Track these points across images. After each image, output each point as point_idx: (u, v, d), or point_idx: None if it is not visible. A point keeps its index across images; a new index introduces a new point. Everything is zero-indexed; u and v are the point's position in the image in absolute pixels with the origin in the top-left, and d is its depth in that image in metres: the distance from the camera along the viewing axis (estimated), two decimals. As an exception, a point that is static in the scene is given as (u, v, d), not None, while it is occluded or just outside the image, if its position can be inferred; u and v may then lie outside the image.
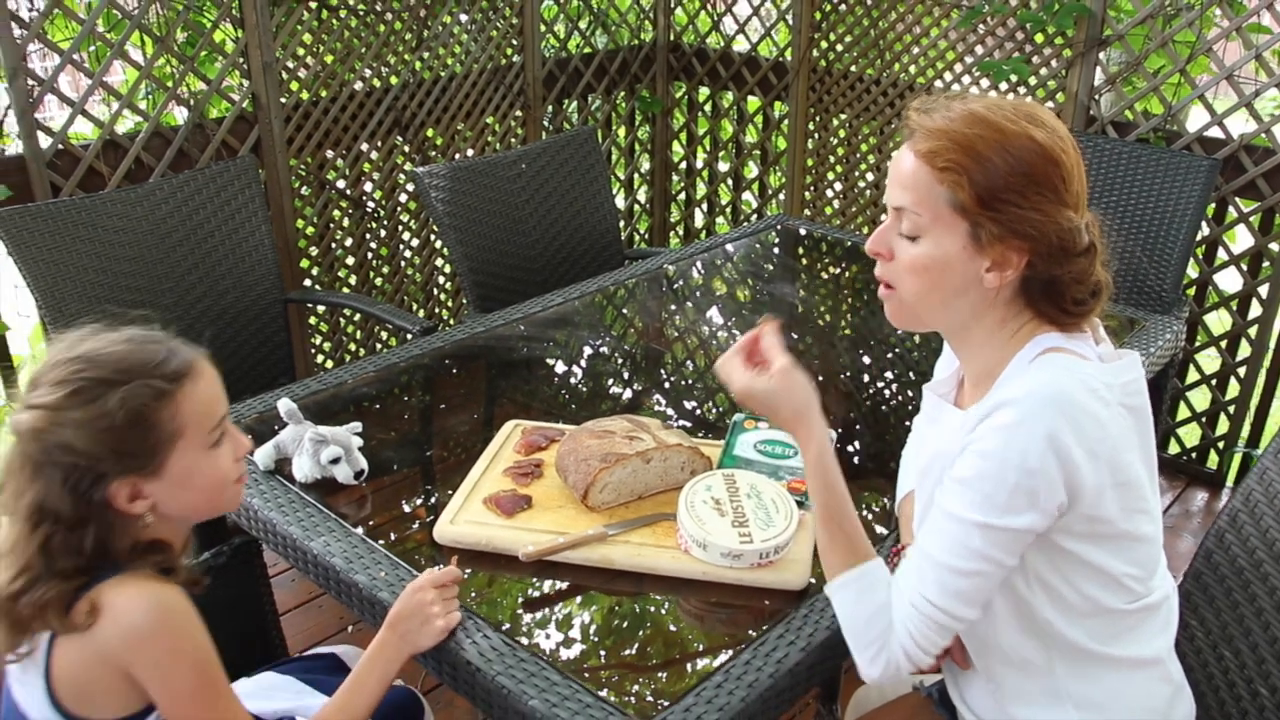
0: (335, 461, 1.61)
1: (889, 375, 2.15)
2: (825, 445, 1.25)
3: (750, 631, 1.35)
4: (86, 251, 2.31)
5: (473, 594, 1.41)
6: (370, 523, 1.57)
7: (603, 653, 1.34)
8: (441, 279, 3.63)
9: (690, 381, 2.12)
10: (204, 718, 1.15)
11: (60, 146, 2.55)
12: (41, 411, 1.09)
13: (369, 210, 3.30)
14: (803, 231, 2.89)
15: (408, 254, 3.48)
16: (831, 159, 3.74)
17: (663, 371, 2.18)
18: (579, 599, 1.42)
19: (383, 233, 3.37)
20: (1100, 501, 1.15)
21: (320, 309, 3.30)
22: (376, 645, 1.32)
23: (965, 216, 1.16)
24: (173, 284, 2.45)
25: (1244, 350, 3.05)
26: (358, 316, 3.40)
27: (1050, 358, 1.18)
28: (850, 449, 1.85)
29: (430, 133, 3.35)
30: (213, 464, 1.19)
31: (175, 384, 1.14)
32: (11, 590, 1.10)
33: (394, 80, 3.18)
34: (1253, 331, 2.99)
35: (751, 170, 4.02)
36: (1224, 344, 3.07)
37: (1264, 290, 2.92)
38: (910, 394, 2.04)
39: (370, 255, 3.37)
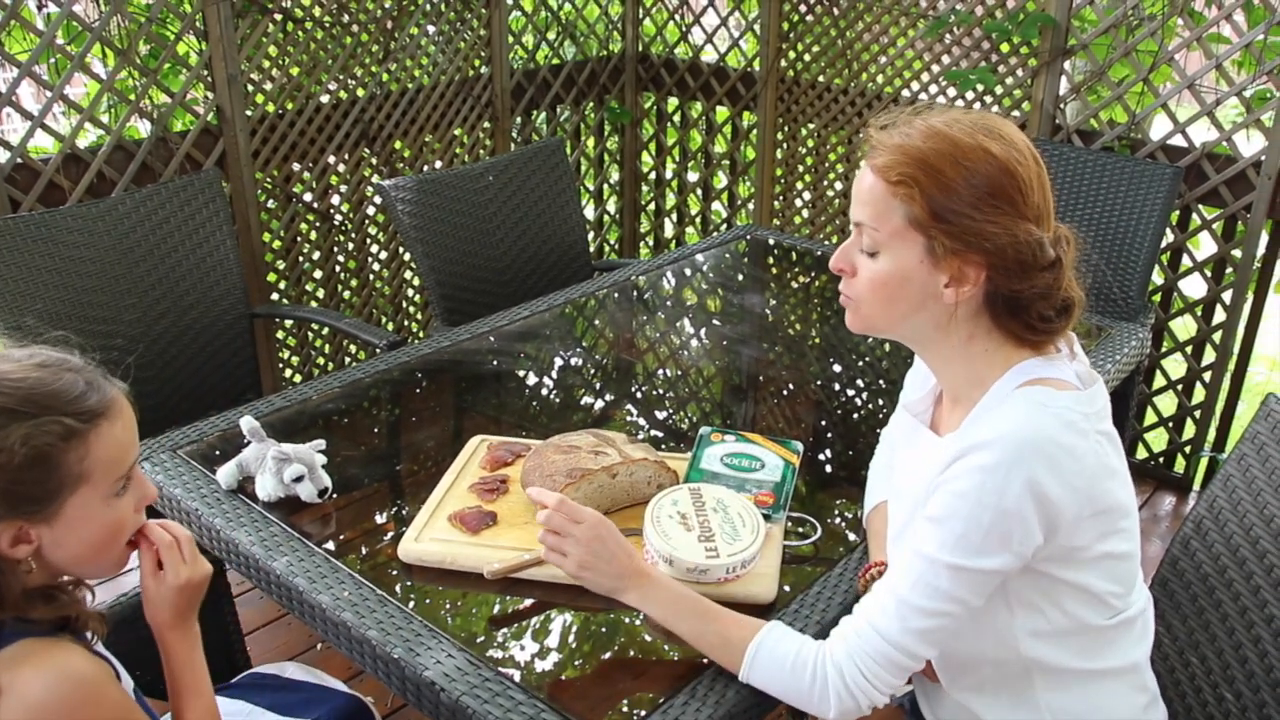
0: (298, 480, 1.59)
1: (859, 384, 2.15)
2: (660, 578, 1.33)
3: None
4: (47, 268, 2.28)
5: (446, 605, 1.40)
6: (334, 541, 1.55)
7: (570, 670, 1.33)
8: (410, 292, 3.61)
9: (661, 392, 2.12)
10: None
11: (19, 160, 2.52)
12: None
13: (336, 223, 3.28)
14: (772, 241, 2.89)
15: (376, 267, 3.46)
16: (800, 169, 3.75)
17: (633, 382, 2.17)
18: (545, 616, 1.41)
19: (350, 246, 3.35)
20: (1076, 532, 1.14)
21: (288, 323, 3.27)
22: (167, 653, 1.21)
23: (920, 230, 1.15)
24: (136, 300, 2.41)
25: (1209, 355, 3.08)
26: (326, 331, 3.37)
27: (1027, 392, 1.15)
28: (821, 457, 1.84)
29: (398, 145, 3.33)
30: (111, 514, 1.06)
31: (89, 424, 1.01)
32: None
33: (361, 92, 3.16)
34: (1217, 337, 3.03)
35: (721, 180, 4.03)
36: (1189, 349, 3.10)
37: (1227, 296, 2.95)
38: (880, 402, 2.04)
39: (338, 269, 3.34)
